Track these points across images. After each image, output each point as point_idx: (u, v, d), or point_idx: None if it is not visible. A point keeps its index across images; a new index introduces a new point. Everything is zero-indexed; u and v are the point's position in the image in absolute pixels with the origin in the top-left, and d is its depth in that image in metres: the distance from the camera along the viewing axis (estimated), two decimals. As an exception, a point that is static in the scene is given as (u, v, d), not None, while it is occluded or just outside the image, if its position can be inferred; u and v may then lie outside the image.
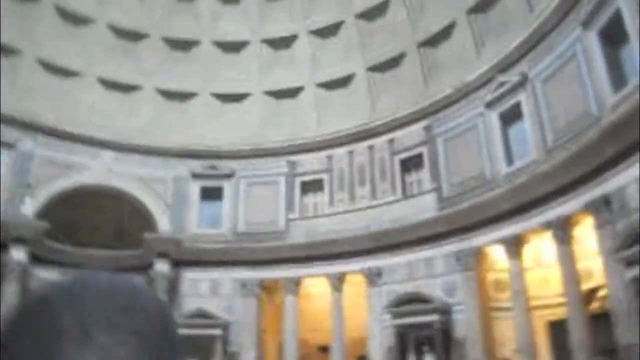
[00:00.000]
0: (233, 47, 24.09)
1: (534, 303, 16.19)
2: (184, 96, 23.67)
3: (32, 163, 20.27)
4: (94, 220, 21.62)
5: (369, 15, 22.46)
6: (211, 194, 22.86)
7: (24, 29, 20.83)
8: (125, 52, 22.96)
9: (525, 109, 17.05)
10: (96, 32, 22.49)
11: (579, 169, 14.12)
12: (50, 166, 20.60)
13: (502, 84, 17.82)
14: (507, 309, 16.58)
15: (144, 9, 23.34)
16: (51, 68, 21.50)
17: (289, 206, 22.27)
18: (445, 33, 20.30)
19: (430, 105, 20.45)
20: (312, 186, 22.61)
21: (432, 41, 20.80)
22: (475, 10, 19.17)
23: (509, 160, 17.54)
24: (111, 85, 22.67)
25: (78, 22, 22.20)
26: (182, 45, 23.83)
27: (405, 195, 20.57)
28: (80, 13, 22.16)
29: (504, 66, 17.80)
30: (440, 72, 20.57)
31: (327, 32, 23.42)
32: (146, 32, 23.28)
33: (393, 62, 22.04)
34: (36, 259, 19.28)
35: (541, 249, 16.66)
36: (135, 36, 23.17)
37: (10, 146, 19.77)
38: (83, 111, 21.86)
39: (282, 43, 23.98)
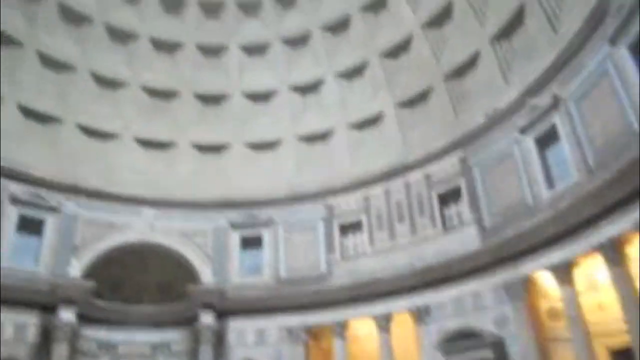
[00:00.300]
0: (262, 96, 24.66)
1: (593, 330, 15.42)
2: (218, 148, 24.18)
3: (77, 225, 20.81)
4: (138, 276, 21.89)
5: (392, 53, 22.74)
6: (251, 243, 22.99)
7: (62, 97, 21.85)
8: (159, 110, 23.78)
9: (562, 130, 16.68)
10: (130, 94, 23.41)
11: (625, 187, 13.60)
12: (94, 227, 21.09)
13: (534, 108, 17.56)
14: (565, 339, 15.82)
15: (174, 68, 24.23)
16: (90, 132, 22.38)
17: (330, 249, 22.15)
18: (470, 63, 20.34)
19: (463, 136, 20.29)
20: (351, 227, 22.47)
21: (458, 72, 20.84)
22: (497, 37, 19.19)
23: (550, 184, 17.09)
24: (148, 143, 23.41)
25: (112, 86, 23.19)
26: (214, 99, 24.53)
27: (446, 229, 20.21)
28: (115, 77, 23.17)
29: (534, 90, 17.56)
30: (470, 102, 20.50)
31: (353, 73, 23.78)
32: (178, 90, 24.10)
33: (421, 97, 22.11)
34: (84, 318, 19.53)
35: (594, 273, 15.99)
36: (167, 95, 24.00)
37: (55, 210, 20.40)
38: (123, 171, 22.49)
39: (310, 88, 24.43)
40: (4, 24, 20.23)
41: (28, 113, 20.82)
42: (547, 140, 17.39)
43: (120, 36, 23.29)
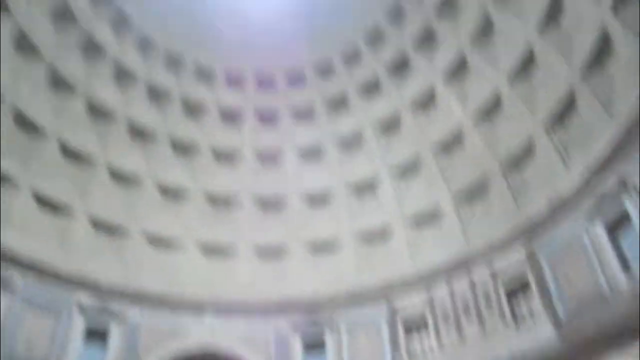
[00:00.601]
0: (319, 197, 25.07)
1: None
2: (278, 251, 24.35)
3: (140, 332, 20.95)
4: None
5: (445, 147, 22.88)
6: (314, 346, 22.32)
7: (129, 207, 22.93)
8: (220, 215, 24.53)
9: (633, 213, 15.82)
10: (192, 202, 24.36)
11: None
12: (156, 333, 21.20)
13: (600, 193, 16.88)
14: None
15: (234, 174, 25.26)
16: (154, 240, 23.15)
17: (395, 349, 21.13)
18: (526, 151, 20.04)
19: (527, 226, 19.58)
20: (416, 326, 21.50)
21: (515, 161, 20.53)
22: (551, 123, 18.93)
23: (627, 270, 15.97)
24: (209, 248, 23.91)
25: (176, 195, 24.23)
26: (272, 202, 25.14)
27: (518, 325, 18.96)
28: (178, 187, 24.27)
29: (598, 173, 16.93)
30: (531, 190, 19.97)
31: (407, 169, 23.92)
32: (237, 195, 24.93)
33: (479, 188, 21.78)
34: None
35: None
36: (227, 200, 24.83)
37: (119, 318, 20.72)
38: (184, 276, 22.88)
39: (366, 186, 24.67)
40: (77, 142, 21.91)
41: (97, 224, 21.87)
42: (618, 224, 16.44)
43: (183, 148, 24.72)
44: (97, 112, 22.80)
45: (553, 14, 18.52)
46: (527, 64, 19.70)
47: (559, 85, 18.37)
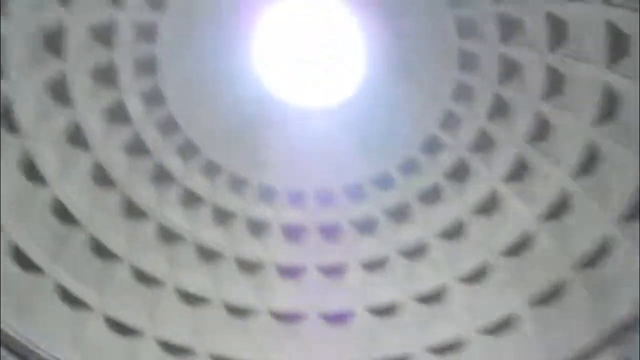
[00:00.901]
0: (386, 310, 24.28)
1: None
2: (347, 369, 23.40)
3: None
4: None
5: (514, 251, 22.14)
6: None
7: (196, 328, 22.85)
8: (285, 332, 24.02)
9: None
10: (258, 320, 24.05)
11: None
12: None
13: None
14: None
15: (299, 290, 25.05)
16: (222, 362, 22.75)
17: None
18: (602, 249, 19.20)
19: (613, 330, 18.22)
20: None
21: (591, 260, 19.59)
22: (626, 218, 18.31)
23: None
24: (277, 370, 23.24)
25: (241, 313, 24.03)
26: (338, 317, 24.49)
27: None
28: (243, 305, 24.12)
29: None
30: (613, 290, 18.80)
31: (476, 277, 23.09)
32: (303, 311, 24.51)
33: (554, 292, 20.66)
34: None
35: None
36: (293, 317, 24.41)
37: None
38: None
39: (434, 297, 23.82)
40: (147, 265, 22.60)
41: (165, 346, 21.80)
42: None
43: (248, 266, 24.92)
44: (167, 235, 23.61)
45: (609, 109, 18.50)
46: (592, 159, 19.48)
47: (630, 177, 17.95)
